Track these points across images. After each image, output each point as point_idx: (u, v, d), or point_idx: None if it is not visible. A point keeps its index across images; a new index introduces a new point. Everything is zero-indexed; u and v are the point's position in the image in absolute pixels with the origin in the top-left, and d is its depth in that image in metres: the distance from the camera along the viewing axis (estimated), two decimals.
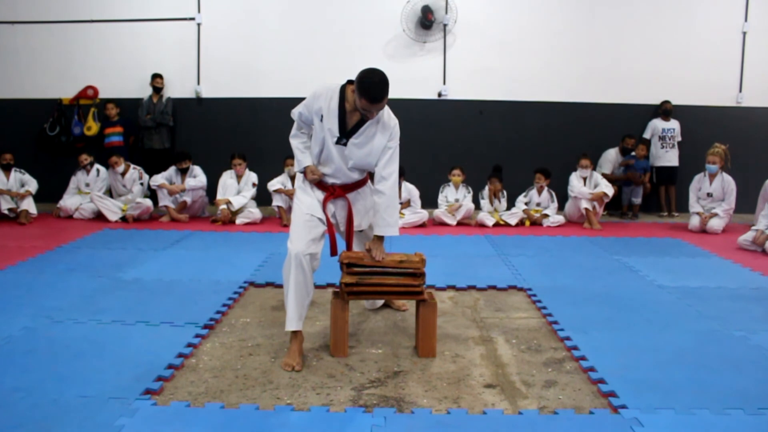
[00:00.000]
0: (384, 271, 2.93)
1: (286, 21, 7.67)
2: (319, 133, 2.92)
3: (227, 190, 6.76)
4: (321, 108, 2.88)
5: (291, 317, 2.88)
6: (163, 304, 3.63)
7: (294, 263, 2.85)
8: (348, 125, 2.88)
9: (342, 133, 2.88)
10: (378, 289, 2.95)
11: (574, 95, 7.74)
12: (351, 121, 2.87)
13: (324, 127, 2.89)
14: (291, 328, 2.88)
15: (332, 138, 2.89)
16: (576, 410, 2.42)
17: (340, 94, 2.87)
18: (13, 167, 6.71)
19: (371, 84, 2.69)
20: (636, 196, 7.37)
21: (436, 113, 7.66)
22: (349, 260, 2.91)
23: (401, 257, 2.93)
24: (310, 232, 2.92)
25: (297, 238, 2.90)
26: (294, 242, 2.89)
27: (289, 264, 2.87)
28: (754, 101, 7.79)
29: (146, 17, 7.61)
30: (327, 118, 2.87)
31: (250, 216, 6.60)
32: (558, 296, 3.91)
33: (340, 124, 2.87)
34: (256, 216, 6.64)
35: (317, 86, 2.96)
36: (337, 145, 2.90)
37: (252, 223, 6.58)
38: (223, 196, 6.69)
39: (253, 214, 6.63)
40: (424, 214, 6.59)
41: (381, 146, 2.91)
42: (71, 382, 2.55)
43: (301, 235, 2.90)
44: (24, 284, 4.01)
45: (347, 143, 2.89)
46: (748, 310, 3.70)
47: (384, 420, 2.30)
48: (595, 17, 7.71)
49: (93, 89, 7.64)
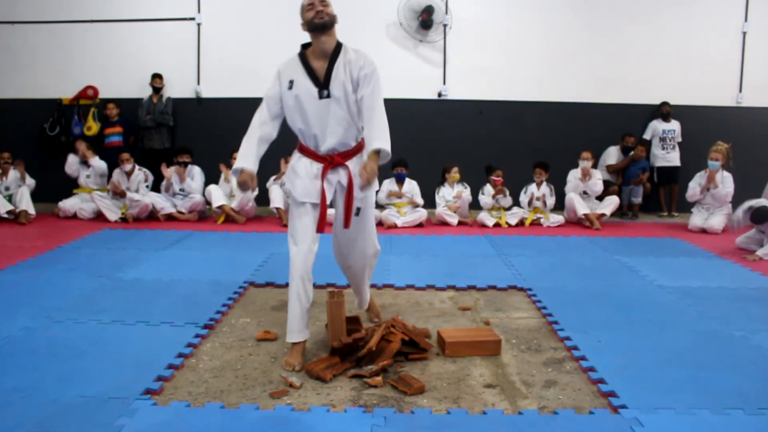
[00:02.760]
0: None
1: (286, 21, 7.63)
2: (294, 103, 2.82)
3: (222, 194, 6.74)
4: (287, 76, 2.83)
5: (291, 329, 2.86)
6: (163, 304, 3.63)
7: (296, 273, 2.81)
8: (320, 77, 2.80)
9: (319, 85, 2.80)
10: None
11: (573, 95, 7.74)
12: (321, 72, 2.80)
13: (299, 91, 2.80)
14: (292, 341, 2.86)
15: (312, 97, 2.80)
16: (576, 410, 2.42)
17: (300, 56, 2.86)
18: (12, 166, 6.72)
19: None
20: (636, 196, 7.37)
21: (436, 113, 7.65)
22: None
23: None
24: (306, 228, 2.84)
25: (296, 240, 2.85)
26: (294, 243, 2.86)
27: (292, 269, 2.83)
28: (754, 101, 7.78)
29: (146, 17, 7.61)
30: (298, 81, 2.81)
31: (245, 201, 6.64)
32: (558, 296, 3.91)
33: (313, 78, 2.80)
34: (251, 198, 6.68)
35: (278, 64, 2.91)
36: (321, 101, 2.79)
37: (244, 205, 6.65)
38: (219, 201, 6.66)
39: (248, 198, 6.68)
40: (423, 213, 6.59)
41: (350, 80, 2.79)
42: (71, 382, 2.55)
43: (300, 235, 2.85)
44: (24, 284, 4.01)
45: (330, 94, 2.79)
46: (748, 310, 3.70)
47: (384, 420, 2.30)
48: (595, 17, 7.71)
49: (93, 89, 7.64)
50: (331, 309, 2.91)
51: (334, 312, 2.90)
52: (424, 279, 4.27)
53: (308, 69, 2.82)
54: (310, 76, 2.81)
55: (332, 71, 2.79)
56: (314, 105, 2.80)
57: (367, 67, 2.81)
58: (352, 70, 2.79)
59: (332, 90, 2.79)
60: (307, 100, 2.80)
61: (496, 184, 6.73)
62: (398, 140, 3.39)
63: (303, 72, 2.82)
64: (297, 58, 2.87)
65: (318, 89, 2.80)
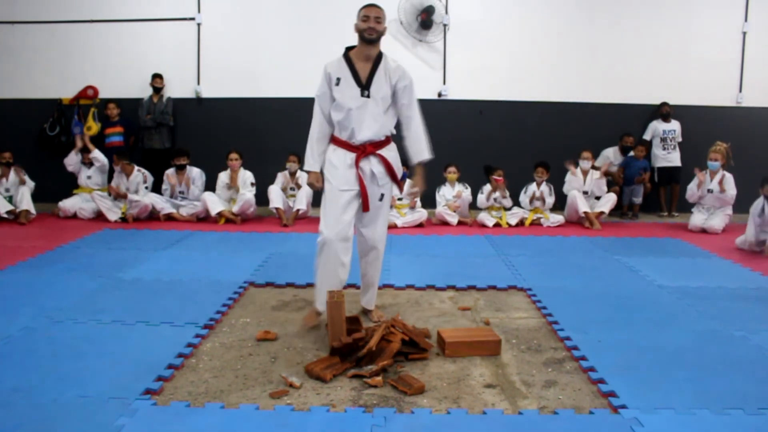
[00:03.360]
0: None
1: (286, 21, 7.67)
2: (341, 96, 3.20)
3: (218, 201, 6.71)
4: (335, 75, 3.22)
5: (320, 300, 3.26)
6: (163, 304, 3.63)
7: (325, 251, 3.18)
8: (362, 78, 3.20)
9: (361, 85, 3.19)
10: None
11: (574, 95, 7.73)
12: (363, 75, 3.21)
13: (343, 88, 3.20)
14: (321, 309, 3.28)
15: (355, 95, 3.19)
16: (576, 410, 2.42)
17: (345, 57, 3.25)
18: (13, 166, 6.71)
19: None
20: (637, 195, 7.37)
21: (436, 113, 7.63)
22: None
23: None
24: (343, 212, 3.18)
25: (328, 225, 3.17)
26: (326, 228, 3.17)
27: (320, 251, 3.20)
28: (754, 101, 7.78)
29: (146, 17, 7.60)
30: (344, 81, 3.20)
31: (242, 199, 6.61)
32: (558, 296, 3.91)
33: (356, 79, 3.20)
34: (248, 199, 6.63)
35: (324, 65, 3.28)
36: (361, 99, 3.18)
37: (246, 209, 6.64)
38: (217, 208, 6.62)
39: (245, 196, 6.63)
40: (423, 214, 6.59)
41: (388, 86, 3.22)
42: (71, 382, 2.55)
43: (333, 221, 3.17)
44: (24, 284, 4.01)
45: (370, 94, 3.19)
46: (748, 310, 3.70)
47: (384, 420, 2.30)
48: (595, 17, 7.70)
49: (93, 89, 7.64)
50: (331, 309, 2.91)
51: (334, 312, 2.90)
52: (424, 279, 4.28)
53: (353, 70, 3.22)
54: (354, 76, 3.21)
55: (374, 75, 3.21)
56: (355, 102, 3.19)
57: (406, 80, 3.26)
58: (392, 78, 3.23)
59: (372, 91, 3.20)
60: (350, 97, 3.19)
61: (497, 184, 6.72)
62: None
63: (348, 72, 3.21)
64: (342, 60, 3.25)
65: (360, 89, 3.20)
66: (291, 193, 6.87)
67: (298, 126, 7.39)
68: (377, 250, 3.41)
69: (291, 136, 7.38)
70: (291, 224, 6.47)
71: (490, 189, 6.76)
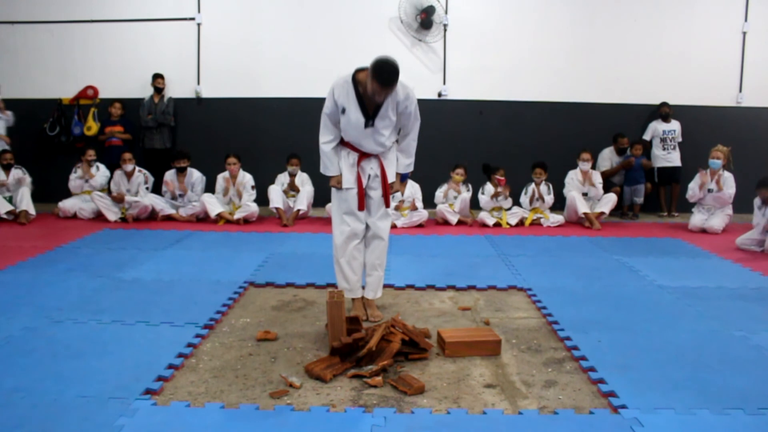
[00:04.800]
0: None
1: (286, 21, 7.67)
2: (346, 123, 3.30)
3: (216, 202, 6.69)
4: (341, 103, 3.25)
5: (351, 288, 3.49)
6: (163, 304, 3.63)
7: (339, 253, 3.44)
8: (369, 110, 3.24)
9: (367, 117, 3.25)
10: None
11: (573, 95, 7.73)
12: (370, 106, 3.24)
13: (349, 118, 3.26)
14: (351, 296, 3.50)
15: (359, 125, 3.25)
16: (576, 410, 2.42)
17: (354, 84, 3.23)
18: (14, 166, 6.72)
19: (384, 70, 3.04)
20: (638, 195, 7.36)
21: (436, 113, 7.65)
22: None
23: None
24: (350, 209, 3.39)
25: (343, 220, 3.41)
26: (341, 223, 3.42)
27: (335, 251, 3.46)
28: (754, 101, 7.78)
29: (146, 17, 7.61)
30: (349, 110, 3.24)
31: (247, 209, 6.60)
32: (558, 296, 3.91)
33: (363, 112, 3.24)
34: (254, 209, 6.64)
35: (332, 84, 3.30)
36: (367, 130, 3.28)
37: (250, 218, 6.63)
38: (216, 210, 6.61)
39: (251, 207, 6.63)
40: (423, 214, 6.59)
41: (395, 114, 3.30)
42: (71, 382, 2.55)
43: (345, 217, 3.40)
44: (24, 284, 4.01)
45: (374, 124, 3.26)
46: (748, 310, 3.70)
47: (384, 420, 2.30)
48: (595, 17, 7.71)
49: (93, 89, 7.64)
50: (331, 309, 2.91)
51: (334, 312, 2.90)
52: (424, 279, 4.28)
53: (360, 100, 3.24)
54: (361, 107, 3.24)
55: (380, 108, 3.25)
56: (360, 130, 3.29)
57: (411, 105, 3.34)
58: (398, 106, 3.30)
59: (377, 122, 3.28)
60: (355, 125, 3.28)
61: (499, 184, 6.71)
62: None
63: (355, 102, 3.24)
64: (351, 86, 3.24)
65: (365, 119, 3.25)
66: (291, 193, 6.87)
67: (298, 126, 7.48)
68: (382, 240, 3.52)
69: (291, 136, 7.40)
70: (291, 224, 6.46)
71: (494, 191, 6.74)
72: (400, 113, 3.33)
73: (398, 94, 3.26)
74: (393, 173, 3.50)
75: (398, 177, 3.56)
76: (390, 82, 3.07)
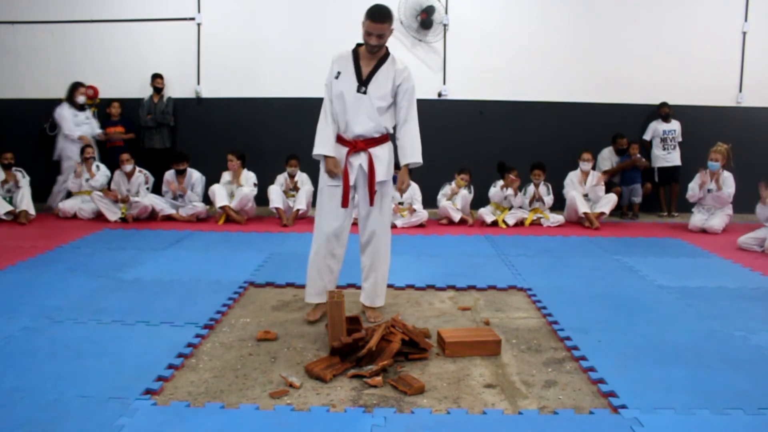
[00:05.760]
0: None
1: (286, 21, 7.67)
2: (337, 90, 3.25)
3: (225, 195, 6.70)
4: (336, 68, 3.27)
5: (308, 292, 3.45)
6: (163, 304, 3.63)
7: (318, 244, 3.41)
8: (363, 75, 3.24)
9: (360, 81, 3.22)
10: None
11: (574, 95, 7.74)
12: (365, 71, 3.24)
13: (341, 83, 3.23)
14: (308, 301, 3.46)
15: (352, 90, 3.23)
16: (576, 410, 2.42)
17: (354, 53, 3.29)
18: (14, 167, 6.71)
19: (376, 7, 3.12)
20: (636, 195, 7.36)
21: (436, 113, 7.65)
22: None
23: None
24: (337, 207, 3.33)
25: (323, 219, 3.37)
26: (321, 222, 3.38)
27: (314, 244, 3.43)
28: (754, 101, 7.78)
29: (146, 17, 7.60)
30: (344, 74, 3.24)
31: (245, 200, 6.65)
32: (558, 296, 3.91)
33: (357, 75, 3.24)
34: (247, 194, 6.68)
35: (333, 55, 3.33)
36: (358, 95, 3.23)
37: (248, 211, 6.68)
38: (222, 201, 6.61)
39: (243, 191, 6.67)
40: (424, 214, 6.59)
41: (391, 86, 3.25)
42: (71, 382, 2.55)
43: (327, 215, 3.36)
44: (24, 284, 4.01)
45: (366, 91, 3.22)
46: (748, 310, 3.70)
47: (384, 420, 2.30)
48: (595, 17, 7.70)
49: (93, 89, 7.64)
50: (331, 309, 2.91)
51: (334, 312, 2.90)
52: (424, 279, 4.27)
53: (356, 65, 3.25)
54: (356, 72, 3.25)
55: (374, 74, 3.23)
56: (352, 96, 3.24)
57: (409, 83, 3.30)
58: (396, 79, 3.25)
59: (369, 89, 3.23)
60: (347, 91, 3.24)
61: (513, 183, 6.69)
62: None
63: (351, 67, 3.25)
64: (350, 54, 3.30)
65: (358, 84, 3.23)
66: (291, 193, 6.87)
67: (298, 126, 7.48)
68: (376, 235, 3.41)
69: (291, 136, 7.39)
70: (291, 224, 6.46)
71: (503, 185, 6.74)
72: (398, 87, 3.26)
73: (396, 64, 3.26)
74: (383, 172, 3.35)
75: (405, 168, 3.41)
76: (381, 16, 3.09)
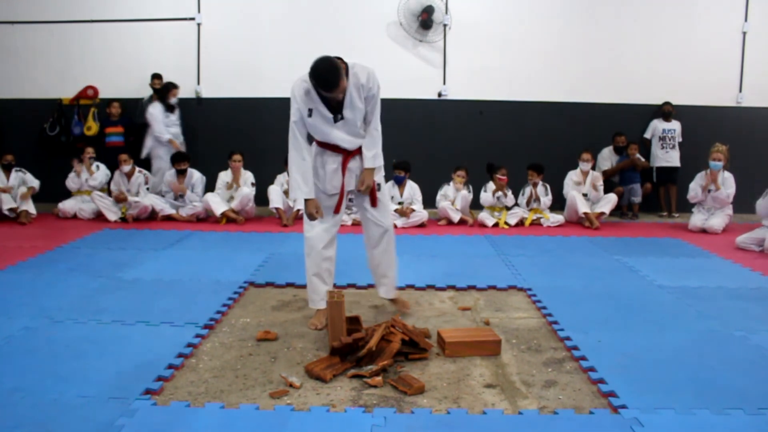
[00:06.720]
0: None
1: (286, 21, 7.67)
2: (314, 123, 3.19)
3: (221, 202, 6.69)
4: (306, 105, 3.15)
5: (312, 298, 3.38)
6: (163, 304, 3.63)
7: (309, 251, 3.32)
8: (334, 105, 3.15)
9: (334, 112, 3.16)
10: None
11: (574, 95, 7.74)
12: (335, 102, 3.14)
13: (316, 119, 3.17)
14: (316, 307, 3.37)
15: (328, 122, 3.17)
16: (576, 410, 2.42)
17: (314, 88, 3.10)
18: (14, 167, 6.72)
19: (321, 75, 2.98)
20: (635, 195, 7.36)
21: (436, 113, 7.65)
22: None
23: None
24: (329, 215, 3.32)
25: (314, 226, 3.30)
26: (311, 229, 3.31)
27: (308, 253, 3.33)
28: (754, 101, 7.78)
29: (146, 17, 7.60)
30: (316, 110, 3.15)
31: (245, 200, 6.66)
32: (558, 296, 3.91)
33: (329, 107, 3.15)
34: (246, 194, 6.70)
35: (291, 89, 3.17)
36: (337, 124, 3.19)
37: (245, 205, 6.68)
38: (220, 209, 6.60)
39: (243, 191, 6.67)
40: (424, 214, 6.59)
41: (363, 103, 3.19)
42: (71, 382, 2.55)
43: (315, 224, 3.29)
44: (24, 284, 4.01)
45: (344, 117, 3.17)
46: (748, 310, 3.70)
47: (384, 420, 2.30)
48: (595, 17, 7.71)
49: (93, 89, 7.64)
50: (331, 309, 2.91)
51: (334, 312, 2.90)
52: (424, 279, 4.27)
53: (322, 97, 3.12)
54: (326, 104, 3.14)
55: (344, 100, 3.14)
56: (331, 125, 3.20)
57: (374, 88, 3.21)
58: (362, 90, 3.17)
59: (345, 114, 3.18)
60: (323, 124, 3.19)
61: (501, 183, 6.71)
62: (398, 141, 3.42)
63: (319, 101, 3.14)
64: (311, 87, 3.10)
65: (333, 115, 3.17)
66: None
67: None
68: (387, 231, 3.45)
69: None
70: (291, 224, 6.47)
71: (494, 188, 6.74)
72: (365, 98, 3.18)
73: (359, 78, 3.12)
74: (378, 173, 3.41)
75: (368, 171, 3.30)
76: (332, 83, 2.96)
